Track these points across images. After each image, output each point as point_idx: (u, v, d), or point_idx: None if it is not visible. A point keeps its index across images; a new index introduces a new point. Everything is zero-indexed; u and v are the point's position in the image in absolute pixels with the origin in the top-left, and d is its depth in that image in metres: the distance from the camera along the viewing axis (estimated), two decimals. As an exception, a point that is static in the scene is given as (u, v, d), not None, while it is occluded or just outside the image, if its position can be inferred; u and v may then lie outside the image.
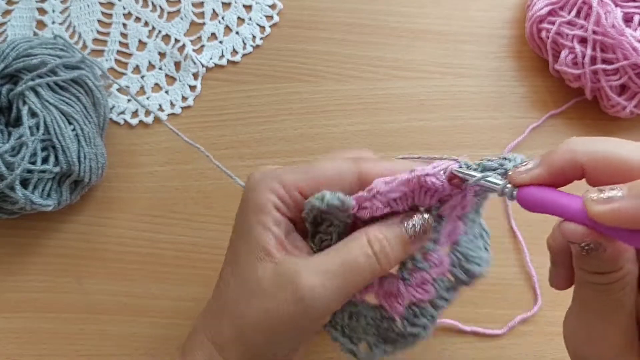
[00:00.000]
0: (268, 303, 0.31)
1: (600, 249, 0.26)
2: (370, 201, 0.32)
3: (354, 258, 0.32)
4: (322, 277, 0.31)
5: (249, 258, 0.33)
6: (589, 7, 0.50)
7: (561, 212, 0.27)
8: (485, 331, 0.46)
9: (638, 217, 0.23)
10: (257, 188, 0.33)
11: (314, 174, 0.33)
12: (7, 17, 0.58)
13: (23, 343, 0.48)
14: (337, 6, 0.58)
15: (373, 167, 0.33)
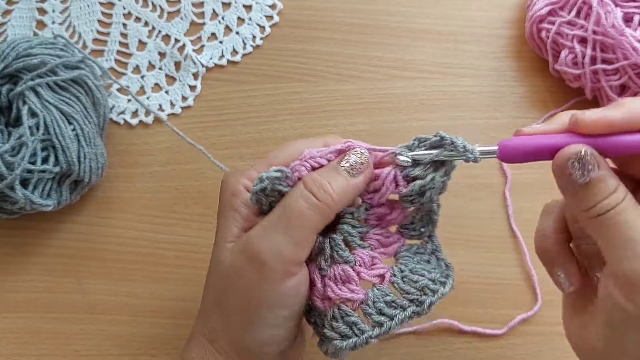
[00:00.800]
0: (235, 280, 0.32)
1: (596, 164, 0.28)
2: (301, 163, 0.33)
3: (293, 202, 0.32)
4: (268, 233, 0.31)
5: (217, 245, 0.34)
6: (589, 7, 0.50)
7: (552, 147, 0.29)
8: (485, 331, 0.46)
9: (621, 122, 0.28)
10: (229, 177, 0.35)
11: (283, 155, 0.34)
12: (7, 17, 0.58)
13: (23, 343, 0.48)
14: (337, 6, 0.58)
15: (337, 141, 0.35)
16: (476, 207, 0.51)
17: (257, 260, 0.31)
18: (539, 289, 0.47)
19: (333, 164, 0.33)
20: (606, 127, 0.29)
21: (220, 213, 0.35)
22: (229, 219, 0.34)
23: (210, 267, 0.35)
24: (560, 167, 0.29)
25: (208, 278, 0.35)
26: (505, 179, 0.51)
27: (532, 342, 0.47)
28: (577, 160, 0.29)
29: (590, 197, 0.29)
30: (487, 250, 0.49)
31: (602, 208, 0.29)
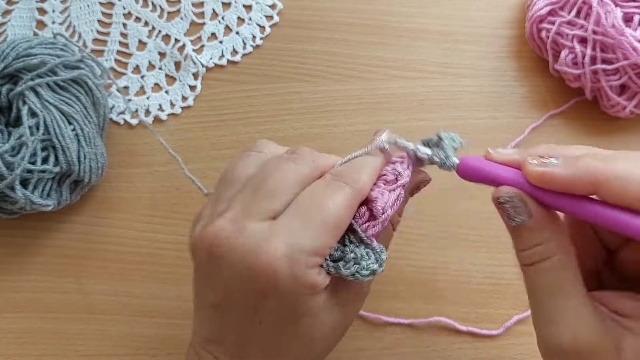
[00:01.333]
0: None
1: (525, 213, 0.28)
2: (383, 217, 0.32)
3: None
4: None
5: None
6: (589, 7, 0.50)
7: (499, 179, 0.30)
8: (482, 331, 0.46)
9: (565, 182, 0.27)
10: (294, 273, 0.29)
11: (327, 224, 0.30)
12: (7, 17, 0.58)
13: (23, 343, 0.48)
14: (337, 6, 0.58)
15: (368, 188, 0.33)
16: (476, 207, 0.51)
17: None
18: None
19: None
20: (550, 184, 0.28)
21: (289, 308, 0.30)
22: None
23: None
24: (493, 200, 0.29)
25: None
26: (505, 179, 0.51)
27: (532, 342, 0.46)
28: (506, 202, 0.29)
29: (517, 241, 0.29)
30: (487, 250, 0.49)
31: (525, 258, 0.29)
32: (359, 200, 0.31)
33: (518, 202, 0.28)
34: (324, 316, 0.31)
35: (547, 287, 0.28)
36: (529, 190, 0.28)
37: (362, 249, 0.31)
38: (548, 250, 0.28)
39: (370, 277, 0.31)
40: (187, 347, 0.35)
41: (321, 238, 0.29)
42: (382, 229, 0.32)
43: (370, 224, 0.32)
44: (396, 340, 0.47)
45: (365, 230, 0.32)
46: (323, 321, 0.31)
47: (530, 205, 0.28)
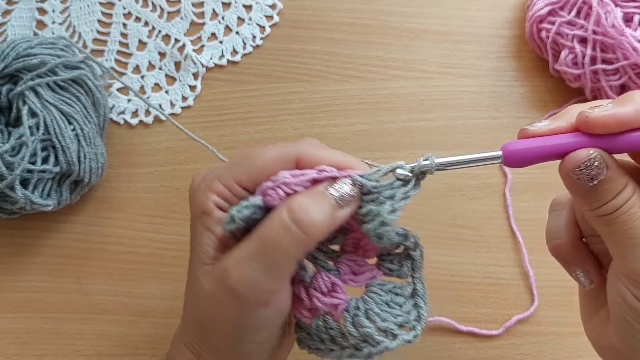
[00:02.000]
0: (212, 307, 0.31)
1: (605, 167, 0.28)
2: (274, 190, 0.30)
3: (272, 231, 0.29)
4: (244, 265, 0.29)
5: (195, 265, 0.32)
6: (589, 7, 0.50)
7: (561, 148, 0.29)
8: (482, 332, 0.46)
9: (632, 118, 0.27)
10: (197, 191, 0.32)
11: (250, 164, 0.32)
12: (7, 17, 0.58)
13: (23, 343, 0.48)
14: (337, 6, 0.58)
15: (313, 152, 0.32)
16: (476, 207, 0.51)
17: (233, 292, 0.29)
18: (537, 289, 0.47)
19: (320, 190, 0.30)
20: (618, 125, 0.28)
21: (192, 232, 0.33)
22: (204, 240, 0.32)
23: (190, 287, 0.33)
24: (568, 172, 0.29)
25: (188, 298, 0.34)
26: (506, 179, 0.51)
27: (532, 342, 0.47)
28: (585, 167, 0.28)
29: (598, 198, 0.29)
30: (487, 250, 0.49)
31: (610, 208, 0.29)
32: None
33: (600, 160, 0.28)
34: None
35: (638, 222, 0.28)
36: (594, 144, 0.28)
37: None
38: (628, 191, 0.28)
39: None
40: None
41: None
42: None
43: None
44: (396, 340, 0.47)
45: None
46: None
47: (607, 159, 0.28)
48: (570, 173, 0.28)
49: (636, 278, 0.28)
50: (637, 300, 0.28)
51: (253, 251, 0.29)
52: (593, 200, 0.29)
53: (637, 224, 0.28)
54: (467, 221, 0.50)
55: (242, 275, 0.29)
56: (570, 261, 0.34)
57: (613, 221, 0.29)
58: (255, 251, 0.29)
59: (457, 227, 0.50)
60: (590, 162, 0.28)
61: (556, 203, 0.36)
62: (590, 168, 0.28)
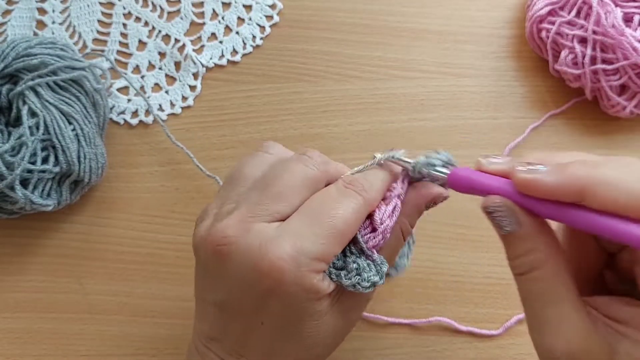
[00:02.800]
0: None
1: (514, 223, 0.28)
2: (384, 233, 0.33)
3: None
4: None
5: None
6: (589, 7, 0.50)
7: (488, 188, 0.29)
8: (482, 331, 0.46)
9: (552, 189, 0.26)
10: (298, 276, 0.29)
11: (334, 231, 0.30)
12: (7, 17, 0.58)
13: (23, 343, 0.48)
14: (337, 6, 0.58)
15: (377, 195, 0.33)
16: (476, 207, 0.50)
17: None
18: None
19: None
20: (537, 191, 0.27)
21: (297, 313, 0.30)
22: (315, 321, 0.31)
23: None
24: (484, 212, 0.29)
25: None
26: (505, 179, 0.51)
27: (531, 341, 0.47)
28: (494, 212, 0.29)
29: (508, 251, 0.29)
30: (486, 250, 0.49)
31: (516, 267, 0.29)
32: (368, 210, 0.32)
33: (506, 211, 0.28)
34: (325, 320, 0.31)
35: (538, 296, 0.28)
36: (518, 200, 0.28)
37: (363, 260, 0.32)
38: (538, 259, 0.28)
39: (370, 288, 0.31)
40: (188, 345, 0.36)
41: (327, 244, 0.30)
42: (383, 241, 0.33)
43: (371, 236, 0.32)
44: (396, 340, 0.47)
45: (366, 241, 0.32)
46: (324, 325, 0.31)
47: (519, 215, 0.28)
48: (484, 211, 0.29)
49: (540, 350, 0.28)
50: None
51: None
52: (506, 249, 0.30)
53: (538, 297, 0.28)
54: (467, 221, 0.50)
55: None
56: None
57: (520, 281, 0.29)
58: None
59: (457, 227, 0.50)
60: (495, 210, 0.28)
61: None
62: (497, 216, 0.28)
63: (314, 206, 0.31)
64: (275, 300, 0.29)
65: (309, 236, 0.29)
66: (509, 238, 0.29)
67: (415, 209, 0.34)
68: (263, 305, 0.30)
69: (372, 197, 0.32)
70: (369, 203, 0.31)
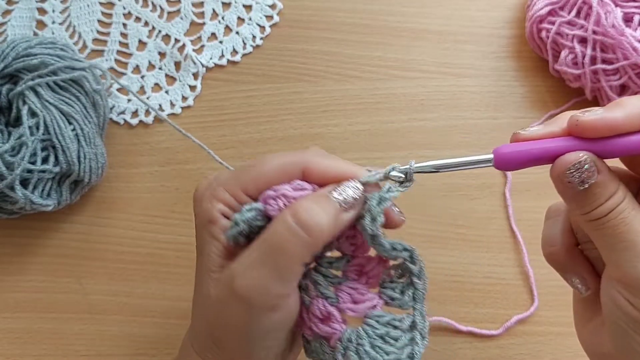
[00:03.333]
0: (221, 314, 0.31)
1: (595, 171, 0.28)
2: (275, 200, 0.30)
3: (277, 235, 0.29)
4: (252, 270, 0.29)
5: (202, 274, 0.32)
6: (589, 7, 0.50)
7: (552, 151, 0.29)
8: (482, 331, 0.46)
9: (622, 122, 0.27)
10: (202, 199, 0.32)
11: (256, 173, 0.32)
12: (7, 17, 0.58)
13: (23, 343, 0.48)
14: (337, 6, 0.58)
15: (318, 162, 0.32)
16: (476, 207, 0.51)
17: (242, 298, 0.29)
18: (536, 289, 0.47)
19: (324, 193, 0.31)
20: (608, 129, 0.28)
21: (199, 240, 0.33)
22: (210, 248, 0.32)
23: (198, 295, 0.33)
24: (559, 175, 0.29)
25: (197, 305, 0.34)
26: (506, 179, 0.51)
27: (532, 342, 0.47)
28: (576, 170, 0.28)
29: (589, 202, 0.29)
30: (486, 250, 0.49)
31: (601, 212, 0.29)
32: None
33: (590, 163, 0.28)
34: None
35: (631, 225, 0.28)
36: (585, 148, 0.28)
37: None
38: (619, 195, 0.28)
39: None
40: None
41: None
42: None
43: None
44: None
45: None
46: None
47: (597, 162, 0.28)
48: (560, 176, 0.28)
49: (628, 282, 0.28)
50: (630, 305, 0.28)
51: (259, 256, 0.29)
52: (584, 205, 0.29)
53: (627, 228, 0.28)
54: (467, 221, 0.50)
55: (250, 280, 0.29)
56: (566, 268, 0.34)
57: (604, 225, 0.29)
58: (261, 255, 0.29)
59: (457, 227, 0.50)
60: (580, 164, 0.28)
61: (552, 210, 0.36)
62: (580, 171, 0.28)
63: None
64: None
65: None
66: (588, 190, 0.28)
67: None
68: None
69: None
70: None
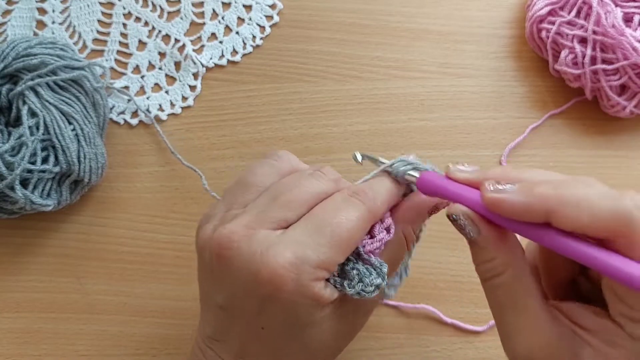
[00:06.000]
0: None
1: (473, 231, 0.29)
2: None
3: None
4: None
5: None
6: (589, 7, 0.50)
7: (455, 197, 0.30)
8: (466, 326, 0.46)
9: (519, 209, 0.26)
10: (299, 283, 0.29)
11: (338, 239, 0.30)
12: (7, 17, 0.58)
13: (23, 343, 0.48)
14: (337, 6, 0.58)
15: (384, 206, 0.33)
16: (476, 207, 0.50)
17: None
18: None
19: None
20: (505, 211, 0.27)
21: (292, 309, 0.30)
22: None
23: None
24: (448, 218, 0.30)
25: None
26: (505, 179, 0.51)
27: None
28: (453, 220, 0.29)
29: (472, 256, 0.30)
30: (487, 250, 0.49)
31: (480, 273, 0.30)
32: (373, 220, 0.32)
33: (467, 220, 0.29)
34: (328, 326, 0.32)
35: (501, 302, 0.29)
36: (483, 211, 0.28)
37: (362, 266, 0.32)
38: (498, 267, 0.29)
39: (375, 292, 0.31)
40: (189, 345, 0.36)
41: (330, 253, 0.30)
42: (380, 246, 0.33)
43: (368, 241, 0.32)
44: (396, 340, 0.47)
45: (363, 245, 0.32)
46: (327, 331, 0.32)
47: (479, 225, 0.29)
48: (448, 217, 0.30)
49: (508, 355, 0.29)
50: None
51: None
52: (472, 255, 0.30)
53: (500, 301, 0.29)
54: (467, 221, 0.50)
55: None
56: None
57: (485, 288, 0.30)
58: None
59: (457, 227, 0.50)
60: (455, 218, 0.29)
61: None
62: (458, 223, 0.29)
63: (318, 214, 0.31)
64: (275, 306, 0.30)
65: (311, 244, 0.29)
66: (472, 244, 0.30)
67: (418, 215, 0.35)
68: (263, 311, 0.30)
69: (377, 206, 0.32)
70: (373, 212, 0.31)
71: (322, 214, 0.30)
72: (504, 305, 0.29)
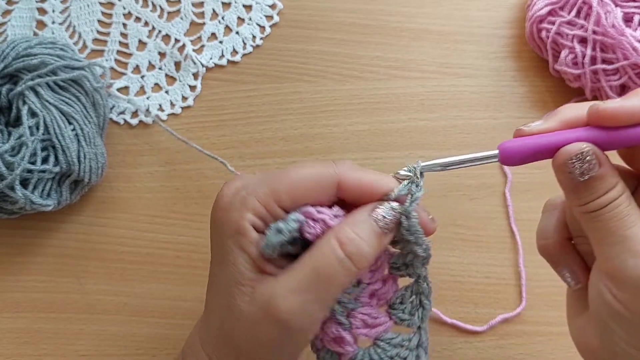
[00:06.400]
0: (254, 331, 0.31)
1: (597, 163, 0.29)
2: (315, 223, 0.31)
3: (327, 265, 0.30)
4: (295, 294, 0.29)
5: (230, 286, 0.31)
6: (589, 7, 0.50)
7: (556, 144, 0.29)
8: (466, 326, 0.46)
9: (633, 110, 0.28)
10: (230, 207, 0.31)
11: (290, 183, 0.31)
12: (7, 17, 0.58)
13: (23, 343, 0.48)
14: (337, 6, 0.58)
15: (353, 176, 0.32)
16: (476, 207, 0.51)
17: (281, 321, 0.29)
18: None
19: (364, 218, 0.31)
20: (628, 117, 0.28)
21: (223, 249, 0.31)
22: (238, 260, 0.31)
23: (220, 303, 0.32)
24: (561, 165, 0.29)
25: (213, 314, 0.33)
26: (506, 179, 0.51)
27: (532, 341, 0.47)
28: (577, 160, 0.29)
29: (588, 194, 0.29)
30: (486, 250, 0.49)
31: (598, 204, 0.29)
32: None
33: (592, 155, 0.29)
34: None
35: (625, 220, 0.29)
36: (590, 140, 0.29)
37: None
38: (618, 190, 0.29)
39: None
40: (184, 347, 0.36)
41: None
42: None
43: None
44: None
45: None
46: None
47: (599, 155, 0.29)
48: (562, 166, 0.29)
49: (615, 275, 0.28)
50: (614, 298, 0.28)
51: (306, 283, 0.30)
52: (582, 196, 0.29)
53: (621, 222, 0.29)
54: (467, 221, 0.50)
55: (292, 304, 0.29)
56: (558, 261, 0.34)
57: (599, 218, 0.29)
58: (307, 281, 0.30)
59: (457, 227, 0.50)
60: (582, 155, 0.29)
61: (548, 204, 0.36)
62: (582, 162, 0.29)
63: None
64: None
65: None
66: (588, 182, 0.29)
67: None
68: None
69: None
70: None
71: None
72: (628, 222, 0.29)
